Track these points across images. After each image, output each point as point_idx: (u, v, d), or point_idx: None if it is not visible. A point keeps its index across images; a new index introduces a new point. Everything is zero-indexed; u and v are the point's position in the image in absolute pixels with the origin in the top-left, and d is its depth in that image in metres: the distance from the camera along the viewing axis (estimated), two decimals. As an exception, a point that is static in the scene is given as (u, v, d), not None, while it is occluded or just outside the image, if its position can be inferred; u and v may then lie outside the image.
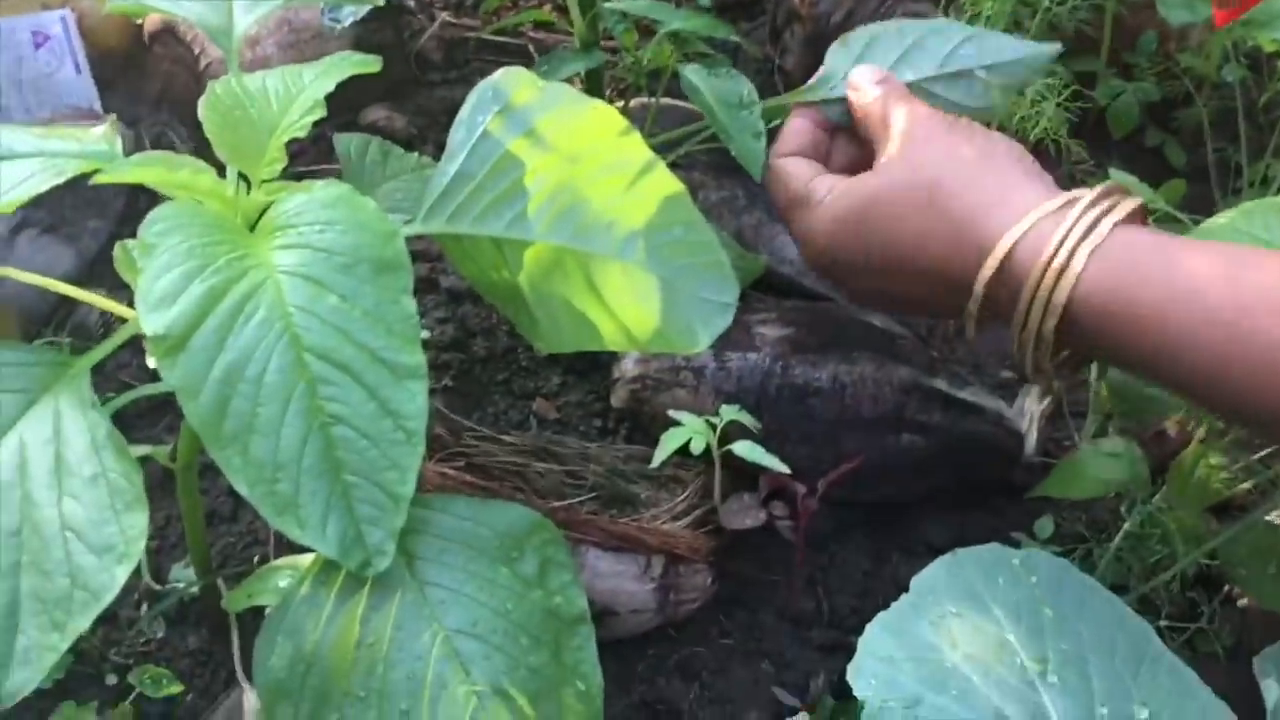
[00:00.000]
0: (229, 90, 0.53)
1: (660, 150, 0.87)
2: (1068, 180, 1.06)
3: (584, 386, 0.90)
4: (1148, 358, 0.50)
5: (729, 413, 0.78)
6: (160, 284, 0.47)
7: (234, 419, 0.47)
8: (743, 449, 0.76)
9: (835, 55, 0.68)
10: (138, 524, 0.47)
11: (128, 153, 0.97)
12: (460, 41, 1.16)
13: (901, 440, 0.85)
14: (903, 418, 0.84)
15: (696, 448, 0.76)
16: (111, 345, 0.52)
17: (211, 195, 0.51)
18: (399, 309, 0.50)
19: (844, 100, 0.65)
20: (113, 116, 0.57)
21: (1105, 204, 0.52)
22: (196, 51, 1.05)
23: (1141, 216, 0.53)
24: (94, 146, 0.52)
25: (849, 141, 0.66)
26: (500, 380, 0.91)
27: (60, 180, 0.50)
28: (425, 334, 0.90)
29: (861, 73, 0.64)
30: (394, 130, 1.03)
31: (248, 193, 0.53)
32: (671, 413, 0.80)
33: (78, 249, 0.94)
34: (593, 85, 0.83)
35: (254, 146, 0.52)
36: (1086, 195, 0.52)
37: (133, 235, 0.98)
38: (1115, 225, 0.51)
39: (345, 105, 1.04)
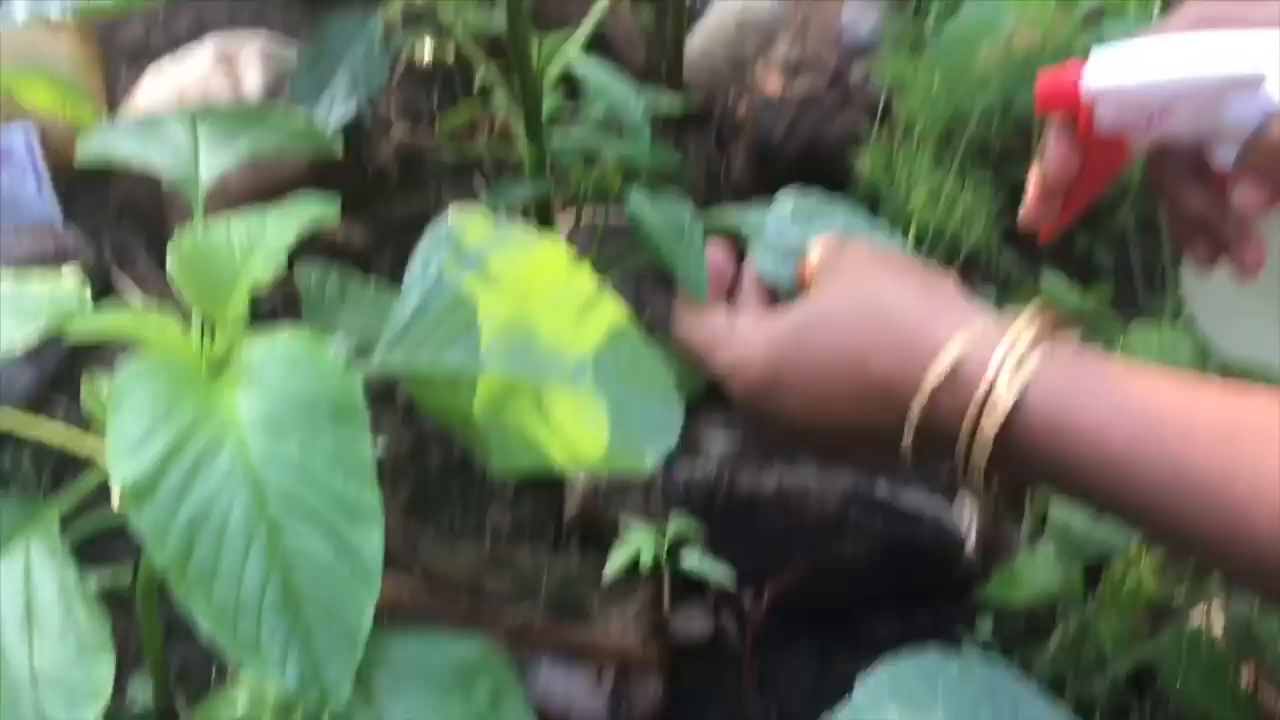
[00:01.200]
0: (194, 241, 0.56)
1: (609, 264, 0.91)
2: (1003, 280, 1.11)
3: (538, 496, 0.92)
4: (1090, 473, 0.49)
5: (677, 523, 0.81)
6: (128, 434, 0.49)
7: (198, 563, 0.49)
8: (691, 560, 0.79)
9: (777, 205, 0.71)
10: (105, 672, 0.49)
11: (89, 267, 1.00)
12: (417, 155, 1.19)
13: (845, 546, 0.88)
14: (846, 524, 0.88)
15: (646, 559, 0.79)
16: (80, 491, 0.54)
17: (177, 344, 0.54)
18: (357, 451, 0.52)
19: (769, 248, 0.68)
20: (76, 266, 0.59)
21: (1047, 317, 0.52)
22: (158, 167, 1.07)
23: (1082, 339, 0.53)
24: (64, 296, 0.54)
25: (753, 299, 0.66)
26: (456, 491, 0.93)
27: (33, 334, 0.52)
28: (382, 443, 0.92)
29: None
30: (351, 244, 1.05)
31: (212, 340, 0.55)
32: (622, 523, 0.82)
33: (39, 364, 0.96)
34: (542, 209, 0.86)
35: (219, 296, 0.55)
36: (1028, 310, 0.53)
37: (93, 352, 1.01)
38: (1064, 341, 0.51)
39: (304, 217, 1.07)
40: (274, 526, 0.50)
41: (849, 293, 0.58)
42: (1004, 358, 0.50)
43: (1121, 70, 0.55)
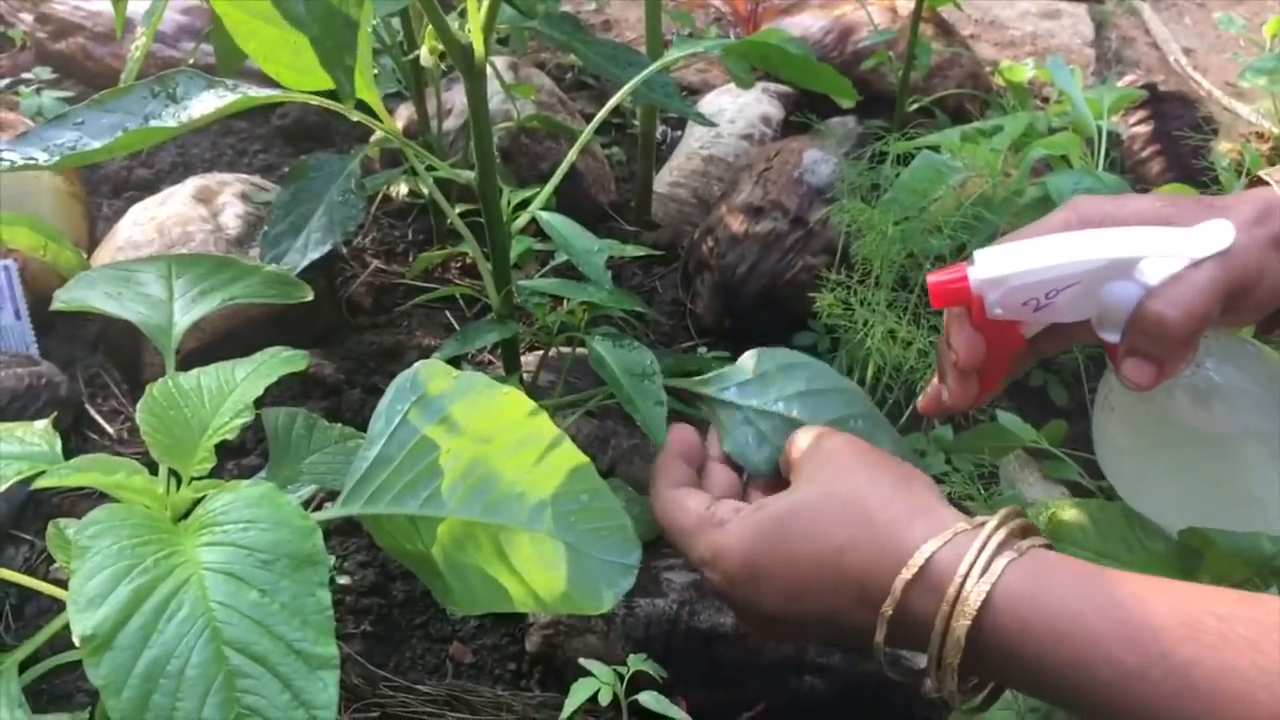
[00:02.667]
0: (165, 391, 0.58)
1: (574, 400, 0.94)
2: (961, 417, 1.14)
3: (500, 630, 0.93)
4: (1059, 670, 0.50)
5: (636, 662, 0.82)
6: (90, 586, 0.50)
7: (154, 714, 0.49)
8: (649, 699, 0.80)
9: (740, 364, 0.74)
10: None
11: (64, 398, 1.01)
12: (390, 287, 1.22)
13: (804, 683, 0.89)
14: (804, 661, 0.88)
15: (604, 699, 0.80)
16: (40, 639, 0.55)
17: (143, 494, 0.55)
18: (315, 601, 0.53)
19: (733, 406, 0.71)
20: (48, 421, 0.61)
21: (1015, 523, 0.54)
22: (135, 299, 1.10)
23: (1047, 543, 0.55)
24: (35, 447, 0.56)
25: (722, 480, 0.70)
26: (418, 624, 0.93)
27: (5, 485, 0.53)
28: (345, 579, 0.93)
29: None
30: (323, 376, 1.07)
31: (178, 489, 0.57)
32: (582, 661, 0.83)
33: (6, 495, 0.97)
34: (509, 348, 0.89)
35: (186, 446, 0.57)
36: (997, 516, 0.55)
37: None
38: (1030, 545, 0.53)
39: (277, 349, 1.09)
40: (231, 676, 0.51)
41: (828, 488, 0.60)
42: (973, 562, 0.53)
43: (1004, 263, 0.59)
